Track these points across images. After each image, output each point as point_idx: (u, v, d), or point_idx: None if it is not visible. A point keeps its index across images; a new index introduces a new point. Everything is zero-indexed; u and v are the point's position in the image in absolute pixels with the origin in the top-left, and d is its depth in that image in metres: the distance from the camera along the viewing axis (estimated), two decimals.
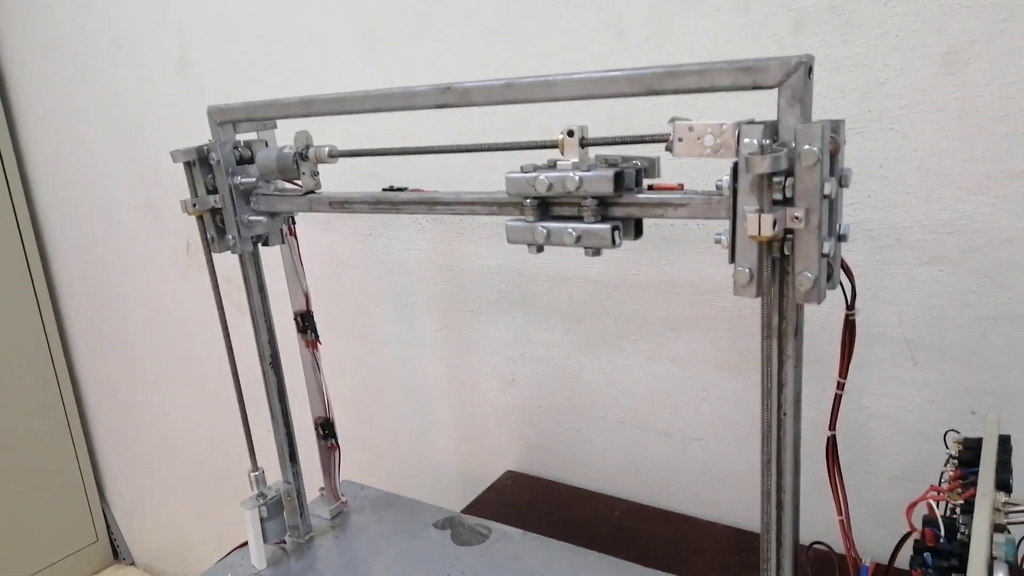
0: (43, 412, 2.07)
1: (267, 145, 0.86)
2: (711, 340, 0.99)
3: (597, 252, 0.63)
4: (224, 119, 0.83)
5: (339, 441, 1.05)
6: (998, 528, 0.54)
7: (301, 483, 1.00)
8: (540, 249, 0.65)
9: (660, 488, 1.11)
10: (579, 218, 0.63)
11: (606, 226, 0.61)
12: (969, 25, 0.74)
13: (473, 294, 1.20)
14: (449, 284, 1.22)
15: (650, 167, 0.64)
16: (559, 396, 1.17)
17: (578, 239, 0.62)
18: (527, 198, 0.64)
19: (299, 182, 0.81)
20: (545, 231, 0.63)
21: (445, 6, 1.08)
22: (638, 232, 0.65)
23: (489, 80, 0.64)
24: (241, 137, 0.86)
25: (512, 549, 0.96)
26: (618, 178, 0.60)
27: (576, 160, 0.61)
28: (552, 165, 0.63)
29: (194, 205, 0.84)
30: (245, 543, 0.97)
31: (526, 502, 1.15)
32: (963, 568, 0.49)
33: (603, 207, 0.62)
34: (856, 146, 0.81)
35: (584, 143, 0.62)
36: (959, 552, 0.52)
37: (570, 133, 0.62)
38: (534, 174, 0.62)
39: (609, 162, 0.62)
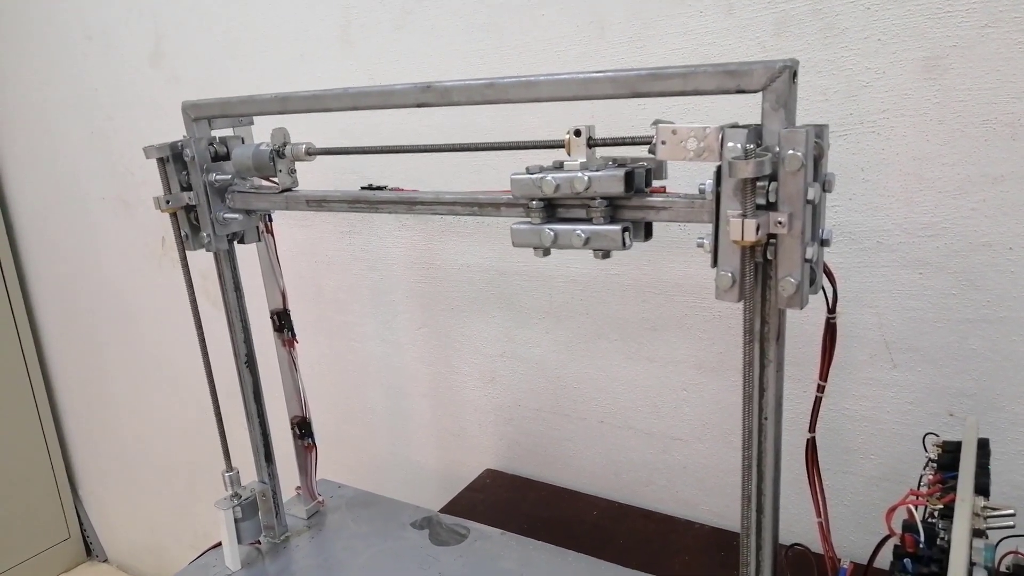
0: (15, 408, 2.03)
1: (243, 142, 0.85)
2: (691, 340, 0.99)
3: (607, 254, 0.61)
4: (199, 115, 0.81)
5: (316, 440, 1.04)
6: (977, 533, 0.54)
7: (277, 483, 0.99)
8: (547, 252, 0.63)
9: (640, 487, 1.11)
10: (588, 220, 0.61)
11: (616, 227, 0.59)
12: (951, 30, 0.74)
13: (454, 292, 1.19)
14: (430, 282, 1.21)
15: (658, 168, 0.62)
16: (539, 395, 1.17)
17: (587, 241, 0.60)
18: (533, 199, 0.62)
19: (276, 179, 0.80)
20: (552, 233, 0.61)
21: (424, 1, 1.06)
22: (648, 234, 0.63)
23: (470, 80, 0.63)
24: (216, 133, 0.84)
25: (490, 549, 0.95)
26: (629, 178, 0.58)
27: (584, 160, 0.59)
28: (559, 166, 0.61)
29: (167, 202, 0.82)
30: (219, 543, 0.96)
31: (505, 501, 1.15)
32: (943, 574, 0.49)
33: (612, 208, 0.60)
34: (838, 149, 0.81)
35: (591, 143, 0.59)
36: (939, 558, 0.52)
37: (577, 132, 0.59)
38: (540, 175, 0.60)
39: (617, 162, 0.60)
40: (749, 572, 0.62)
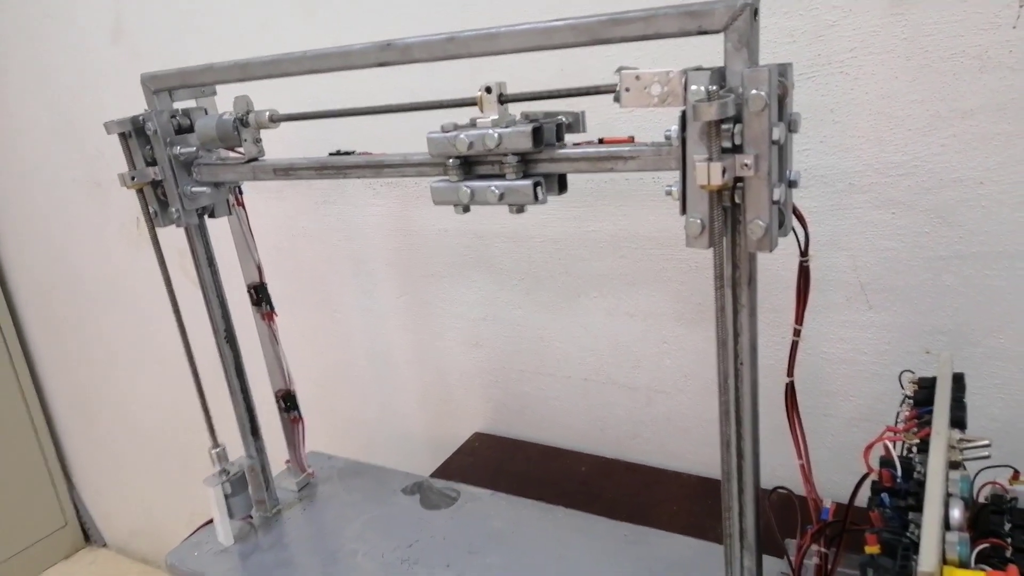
0: (1, 398, 2.02)
1: (206, 113, 0.83)
2: (669, 293, 0.99)
3: (521, 209, 0.63)
4: (159, 87, 0.79)
5: (303, 412, 1.04)
6: (954, 465, 0.55)
7: (265, 457, 0.99)
8: (466, 209, 0.65)
9: (626, 441, 1.12)
10: (502, 176, 0.63)
11: (527, 182, 0.61)
12: None
13: (432, 258, 1.18)
14: (408, 249, 1.20)
15: (575, 121, 0.64)
16: (523, 356, 1.17)
17: (501, 196, 0.62)
18: (450, 158, 0.64)
19: (241, 150, 0.78)
20: (469, 190, 0.63)
21: None
22: (562, 187, 0.65)
23: (430, 35, 0.62)
24: (179, 105, 0.82)
25: (481, 510, 0.96)
26: (537, 133, 0.60)
27: (495, 117, 0.61)
28: (473, 123, 0.63)
29: (132, 178, 0.80)
30: (211, 520, 0.96)
31: (494, 463, 1.16)
32: (920, 506, 0.50)
33: (525, 163, 0.62)
34: (807, 91, 0.81)
35: (503, 99, 0.61)
36: (915, 491, 0.53)
37: (488, 89, 0.61)
38: (454, 133, 0.62)
39: (530, 118, 0.62)
40: (732, 516, 0.63)
